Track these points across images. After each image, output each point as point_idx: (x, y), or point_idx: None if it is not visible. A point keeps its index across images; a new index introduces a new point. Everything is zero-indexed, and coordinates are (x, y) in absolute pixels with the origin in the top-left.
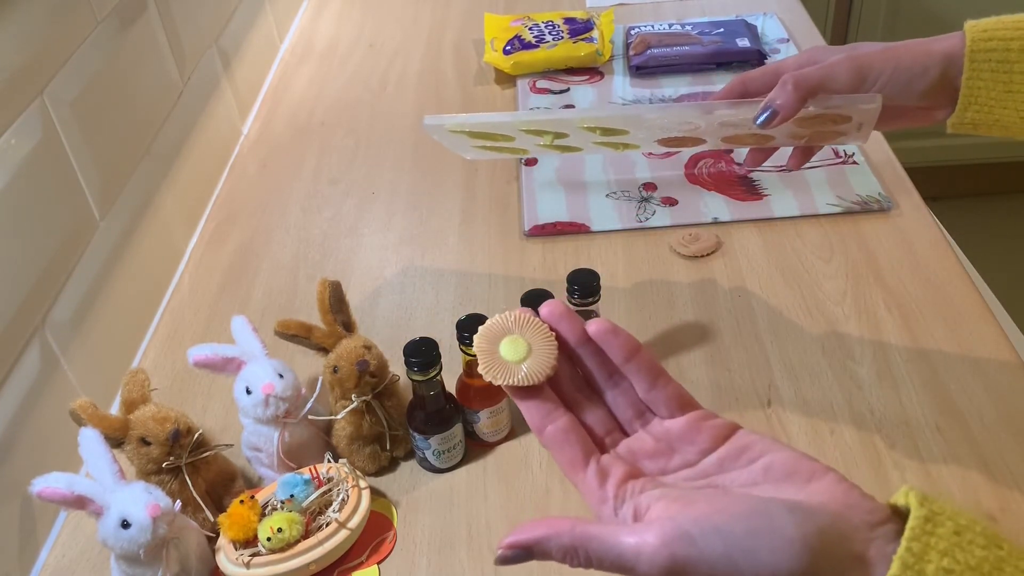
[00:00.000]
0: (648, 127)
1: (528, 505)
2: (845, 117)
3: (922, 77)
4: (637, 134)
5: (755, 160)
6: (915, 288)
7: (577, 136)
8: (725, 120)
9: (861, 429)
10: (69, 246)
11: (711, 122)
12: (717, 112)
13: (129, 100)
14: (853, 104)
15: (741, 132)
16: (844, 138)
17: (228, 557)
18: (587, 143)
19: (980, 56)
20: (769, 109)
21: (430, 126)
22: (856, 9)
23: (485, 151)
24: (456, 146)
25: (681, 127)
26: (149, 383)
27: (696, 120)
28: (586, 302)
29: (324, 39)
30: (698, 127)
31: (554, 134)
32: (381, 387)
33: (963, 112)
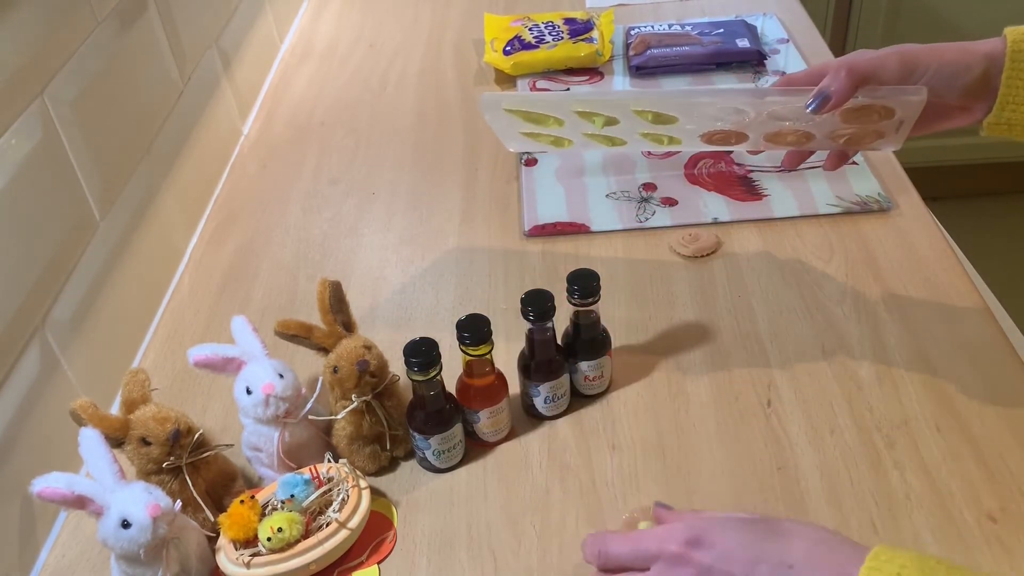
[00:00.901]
0: (699, 116)
1: (528, 505)
2: (889, 111)
3: (965, 74)
4: (686, 125)
5: (792, 161)
6: (915, 288)
7: (627, 123)
8: (774, 110)
9: (861, 429)
10: (69, 246)
11: (760, 111)
12: (767, 99)
13: (129, 100)
14: (899, 95)
15: (784, 128)
16: (881, 141)
17: (228, 557)
18: (634, 133)
19: (1021, 55)
20: (822, 95)
21: (487, 101)
22: (856, 9)
23: (530, 139)
24: (504, 131)
25: (729, 116)
26: (149, 383)
27: (746, 107)
28: (586, 302)
29: (324, 39)
30: (745, 116)
31: (606, 118)
32: (381, 387)
33: (1000, 111)
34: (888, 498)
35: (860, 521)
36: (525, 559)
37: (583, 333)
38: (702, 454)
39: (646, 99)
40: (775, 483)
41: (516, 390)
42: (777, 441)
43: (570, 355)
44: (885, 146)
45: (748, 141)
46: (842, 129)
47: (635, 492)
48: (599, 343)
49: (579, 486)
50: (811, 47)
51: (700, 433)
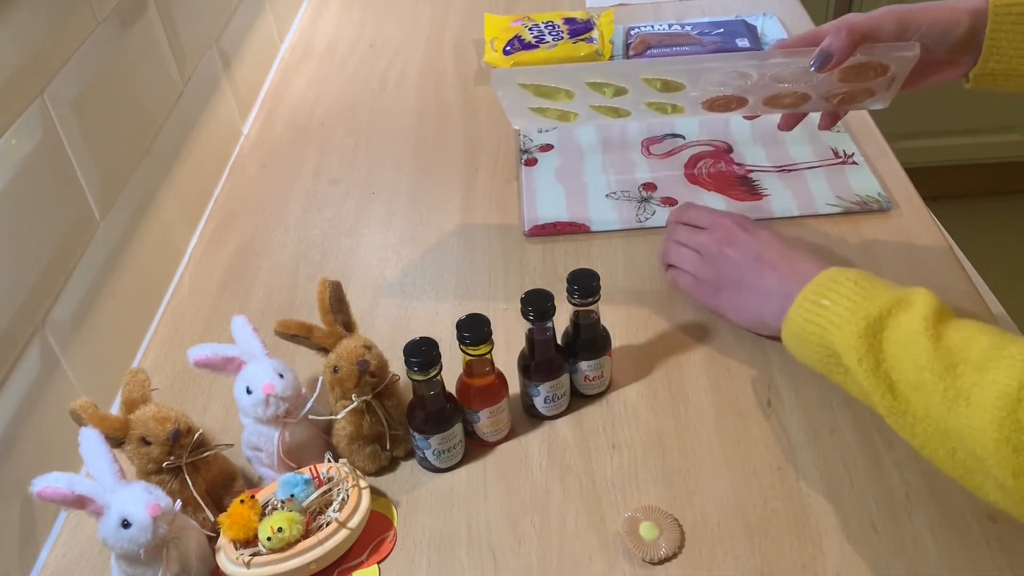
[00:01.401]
0: (704, 82)
1: (528, 505)
2: (883, 68)
3: (954, 29)
4: (691, 92)
5: (788, 124)
6: None
7: (635, 92)
8: (776, 72)
9: (861, 429)
10: (69, 246)
11: (763, 74)
12: (771, 61)
13: (129, 100)
14: (895, 51)
15: (782, 91)
16: (872, 99)
17: (228, 557)
18: (639, 104)
19: (1002, 10)
20: (825, 53)
21: (499, 77)
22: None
23: (537, 114)
24: (513, 106)
25: (733, 82)
26: (149, 383)
27: (750, 70)
28: (586, 302)
29: (324, 39)
30: (748, 80)
31: (616, 88)
32: (381, 387)
33: (985, 63)
34: (888, 498)
35: (860, 521)
36: (525, 559)
37: (583, 333)
38: (702, 454)
39: (655, 67)
40: (775, 483)
41: (516, 390)
42: (777, 441)
43: (570, 355)
44: (875, 104)
45: (747, 106)
46: (837, 88)
47: (635, 492)
48: (599, 343)
49: (579, 486)
50: None
51: (700, 433)
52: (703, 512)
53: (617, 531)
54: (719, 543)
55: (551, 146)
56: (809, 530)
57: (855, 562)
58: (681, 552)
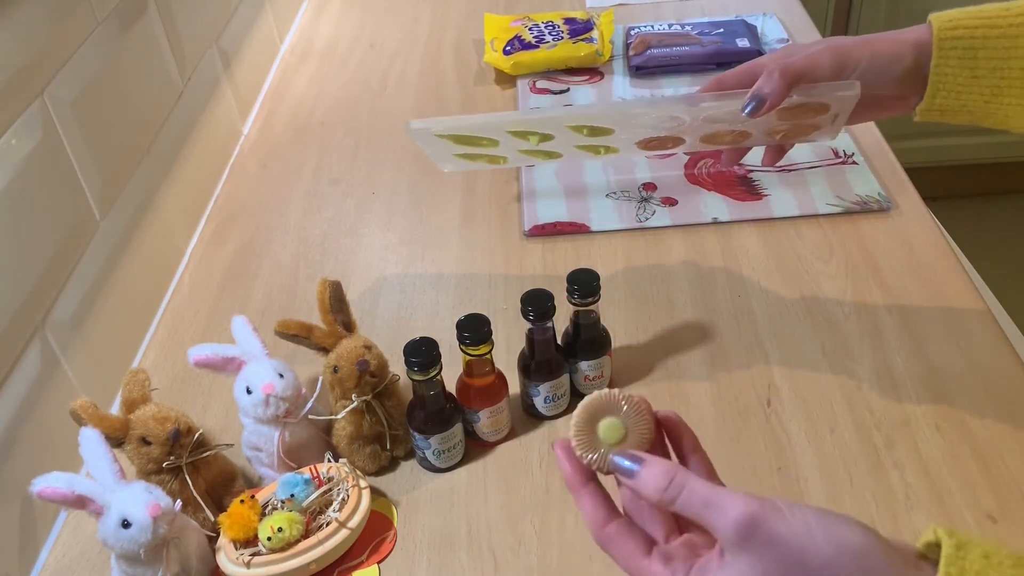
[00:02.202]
0: (633, 125)
1: (528, 505)
2: (824, 106)
3: (897, 64)
4: (620, 135)
5: (731, 160)
6: (915, 288)
7: (562, 137)
8: (709, 114)
9: (861, 429)
10: (69, 246)
11: (695, 116)
12: (702, 105)
13: (129, 100)
14: (833, 92)
15: (720, 129)
16: (817, 132)
17: (228, 557)
18: (569, 147)
19: (947, 44)
20: (757, 98)
21: (416, 130)
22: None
23: (464, 160)
24: (437, 154)
25: (665, 123)
26: (149, 383)
27: (681, 114)
28: (586, 302)
29: (324, 39)
30: (682, 123)
31: (541, 135)
32: (381, 387)
33: (932, 99)
34: (888, 498)
35: None
36: (525, 559)
37: (583, 333)
38: None
39: (578, 115)
40: (775, 483)
41: (516, 390)
42: (777, 441)
43: (570, 355)
44: (821, 137)
45: (685, 144)
46: (778, 126)
47: None
48: (599, 343)
49: None
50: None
51: (700, 433)
52: None
53: None
54: None
55: None
56: None
57: None
58: None
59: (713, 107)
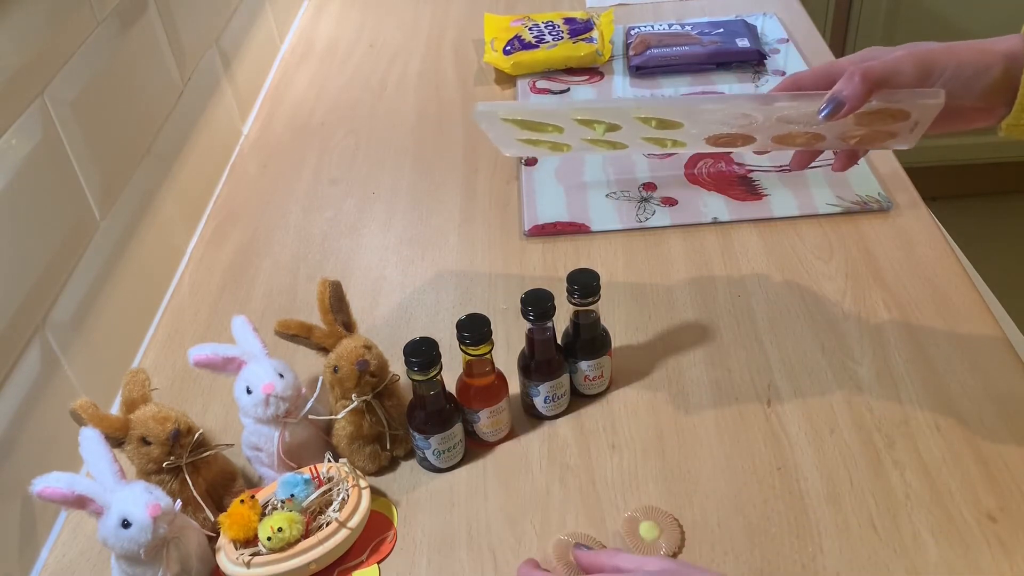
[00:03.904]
0: (704, 120)
1: (528, 505)
2: (904, 114)
3: (984, 74)
4: (691, 129)
5: (800, 162)
6: (915, 288)
7: (629, 129)
8: (783, 114)
9: (861, 429)
10: (69, 246)
11: (769, 116)
12: (777, 104)
13: (129, 100)
14: (916, 99)
15: (794, 130)
16: (894, 140)
17: (228, 557)
18: (636, 138)
19: None
20: (835, 101)
21: (481, 113)
22: (856, 9)
23: (527, 145)
24: (500, 137)
25: (737, 120)
26: (149, 383)
27: (754, 112)
28: (586, 302)
29: (324, 39)
30: (753, 121)
31: (608, 125)
32: (381, 387)
33: (1021, 113)
34: (888, 498)
35: (860, 521)
36: (525, 559)
37: (583, 333)
38: (702, 454)
39: (649, 106)
40: (775, 483)
41: (516, 390)
42: (777, 441)
43: (570, 355)
44: (898, 145)
45: (756, 143)
46: (854, 131)
47: (635, 492)
48: (599, 343)
49: (579, 486)
50: (811, 47)
51: (700, 433)
52: (703, 512)
53: (617, 531)
54: (719, 543)
55: None
56: (809, 530)
57: (855, 562)
58: (681, 552)
59: (788, 107)
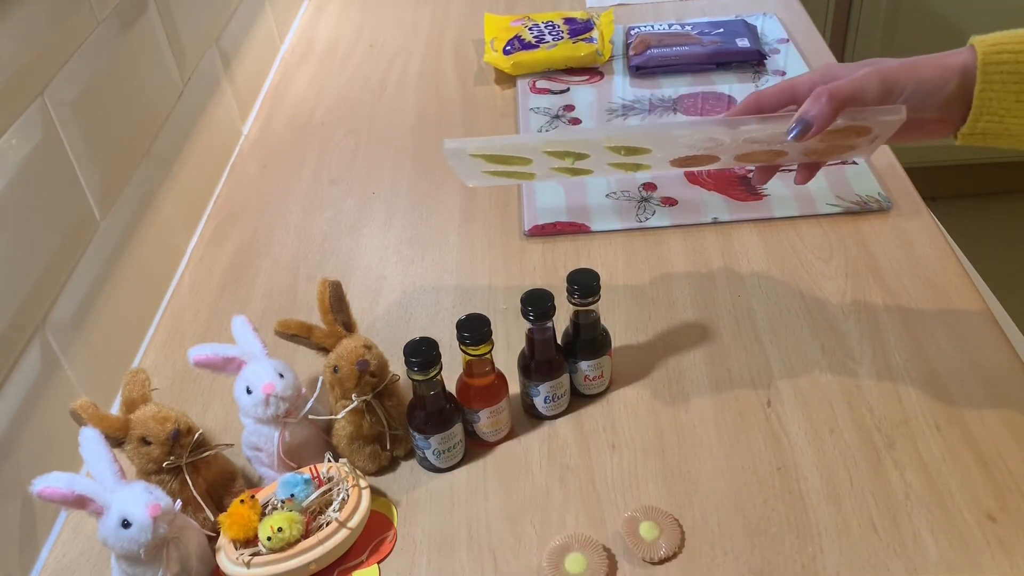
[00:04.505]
0: (672, 145)
1: (528, 505)
2: (866, 130)
3: (942, 89)
4: (657, 153)
5: (762, 178)
6: (915, 288)
7: (596, 157)
8: (750, 136)
9: (861, 429)
10: (69, 246)
11: (736, 138)
12: (743, 128)
13: (129, 100)
14: (879, 116)
15: (756, 149)
16: (853, 152)
17: (228, 557)
18: (601, 165)
19: (992, 68)
20: (803, 122)
21: (451, 150)
22: (856, 9)
23: (492, 176)
24: (465, 171)
25: (703, 144)
26: (149, 383)
27: (721, 136)
28: (586, 302)
29: (324, 39)
30: (720, 144)
31: (576, 155)
32: (381, 387)
33: (975, 122)
34: (888, 498)
35: (860, 521)
36: (525, 559)
37: (583, 333)
38: (702, 454)
39: (619, 135)
40: (775, 483)
41: (516, 390)
42: (777, 441)
43: (570, 355)
44: (855, 156)
45: (719, 162)
46: (816, 146)
47: (635, 492)
48: (599, 343)
49: (579, 486)
50: (811, 47)
51: (700, 433)
52: (703, 512)
53: (617, 531)
54: (719, 543)
55: None
56: (809, 530)
57: (855, 562)
58: (681, 552)
59: (755, 130)
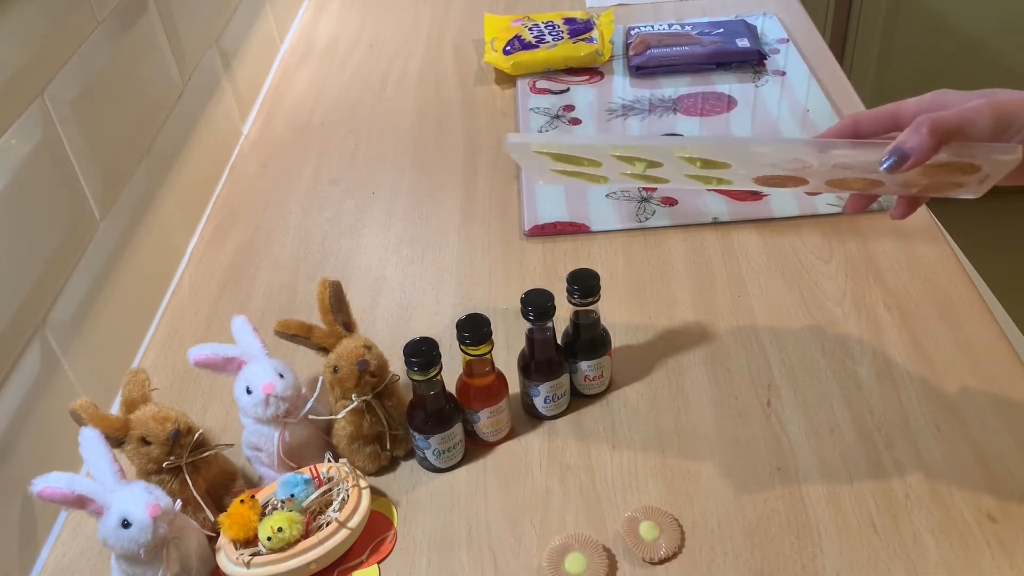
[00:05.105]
0: (754, 162)
1: (528, 505)
2: (974, 167)
3: None
4: (739, 169)
5: (856, 206)
6: (915, 288)
7: (671, 167)
8: (840, 161)
9: (861, 429)
10: (69, 246)
11: (824, 162)
12: (834, 152)
13: (129, 100)
14: (989, 154)
15: (849, 176)
16: (961, 190)
17: (228, 557)
18: (679, 175)
19: None
20: (899, 152)
21: (513, 145)
22: (856, 9)
23: (562, 176)
24: (533, 168)
25: (789, 164)
26: (149, 383)
27: (808, 159)
28: (586, 302)
29: (324, 39)
30: (807, 166)
31: (648, 162)
32: (381, 387)
33: None
34: (888, 498)
35: (860, 521)
36: (525, 559)
37: (583, 333)
38: (702, 454)
39: (694, 146)
40: (775, 483)
41: (516, 390)
42: (777, 441)
43: (570, 355)
44: (963, 194)
45: (809, 185)
46: (917, 180)
47: (635, 492)
48: (599, 343)
49: (579, 486)
50: (811, 47)
51: (700, 433)
52: (703, 512)
53: (617, 531)
54: (719, 543)
55: None
56: (809, 530)
57: (855, 562)
58: (681, 552)
59: (845, 155)
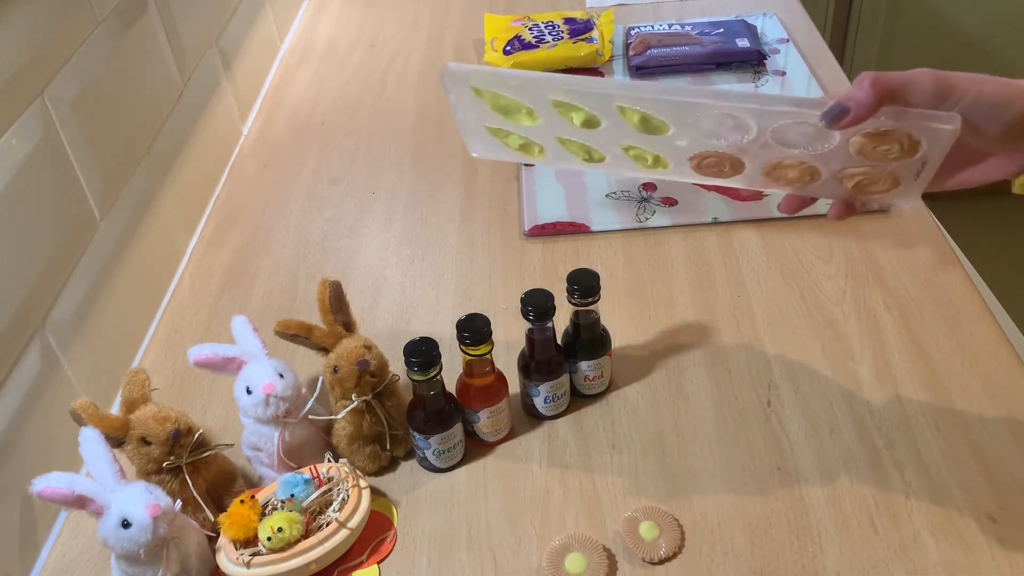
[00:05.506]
0: (693, 125)
1: (528, 505)
2: (913, 145)
3: (1006, 109)
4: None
5: (791, 206)
6: (914, 288)
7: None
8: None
9: (861, 429)
10: (69, 246)
11: (764, 126)
12: (775, 109)
13: (129, 100)
14: (929, 121)
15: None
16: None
17: (228, 557)
18: (615, 147)
19: None
20: (840, 106)
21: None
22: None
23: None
24: (468, 124)
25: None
26: (149, 383)
27: (748, 119)
28: (586, 302)
29: (324, 39)
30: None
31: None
32: (381, 387)
33: None
34: (888, 498)
35: (860, 521)
36: (525, 559)
37: (583, 333)
38: (702, 454)
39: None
40: (775, 483)
41: (516, 390)
42: (777, 441)
43: (570, 355)
44: (900, 196)
45: (743, 173)
46: (854, 166)
47: (635, 492)
48: (599, 343)
49: (579, 486)
50: (811, 47)
51: (700, 433)
52: (703, 512)
53: (617, 531)
54: (719, 543)
55: None
56: (809, 530)
57: (855, 562)
58: (681, 552)
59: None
